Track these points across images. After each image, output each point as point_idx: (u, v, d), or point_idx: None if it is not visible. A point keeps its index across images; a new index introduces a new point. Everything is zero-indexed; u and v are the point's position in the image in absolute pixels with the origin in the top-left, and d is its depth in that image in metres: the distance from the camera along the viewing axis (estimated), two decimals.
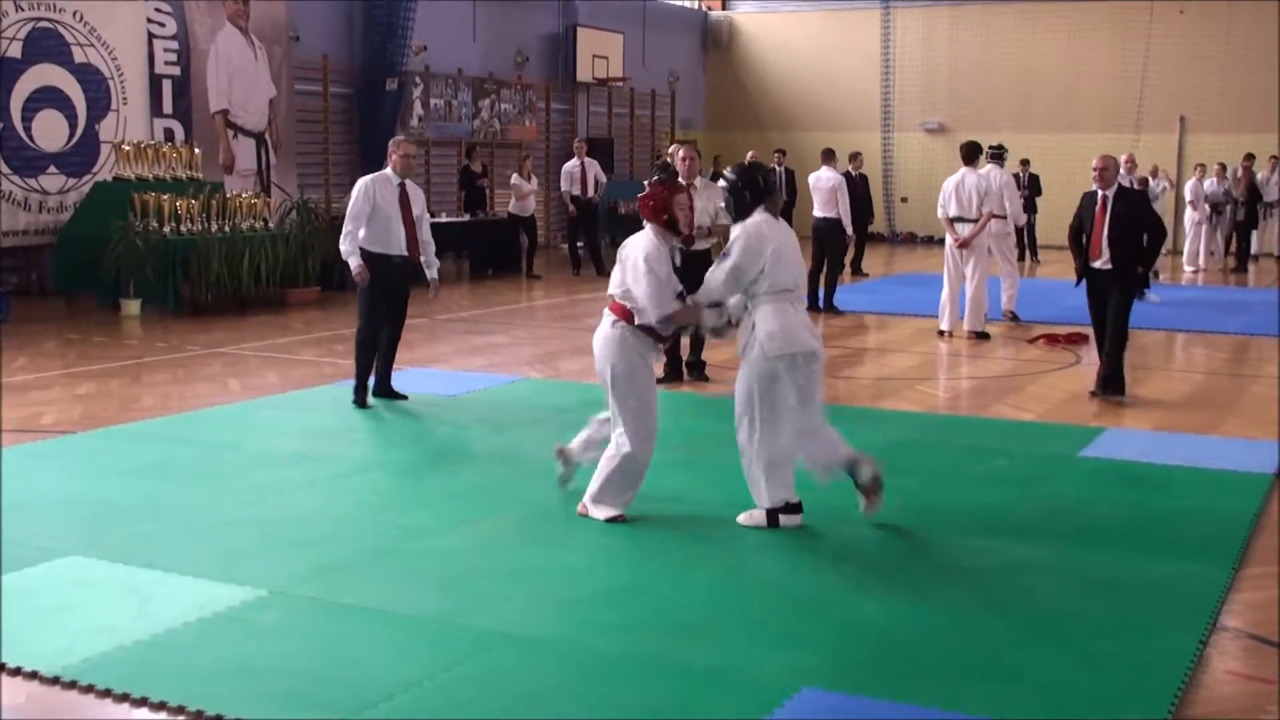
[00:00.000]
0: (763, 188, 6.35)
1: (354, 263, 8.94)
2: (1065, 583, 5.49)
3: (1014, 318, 14.32)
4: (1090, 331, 10.24)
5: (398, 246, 9.01)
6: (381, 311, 9.12)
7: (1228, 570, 5.66)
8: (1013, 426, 8.88)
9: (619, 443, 6.28)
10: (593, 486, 6.37)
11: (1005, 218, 14.19)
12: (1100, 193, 9.60)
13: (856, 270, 19.94)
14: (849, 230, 15.37)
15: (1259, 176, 22.89)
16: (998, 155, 14.82)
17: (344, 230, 9.01)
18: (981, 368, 11.57)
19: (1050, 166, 24.23)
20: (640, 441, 6.25)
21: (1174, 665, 4.56)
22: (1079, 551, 5.94)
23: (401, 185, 9.04)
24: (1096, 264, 9.55)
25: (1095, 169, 9.65)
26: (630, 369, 6.23)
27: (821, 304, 14.94)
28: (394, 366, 9.49)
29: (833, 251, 15.23)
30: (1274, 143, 24.24)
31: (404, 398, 9.26)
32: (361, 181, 9.06)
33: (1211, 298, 17.67)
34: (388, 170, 9.06)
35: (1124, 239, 9.46)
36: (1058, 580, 5.52)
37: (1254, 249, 23.20)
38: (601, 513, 6.31)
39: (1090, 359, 10.87)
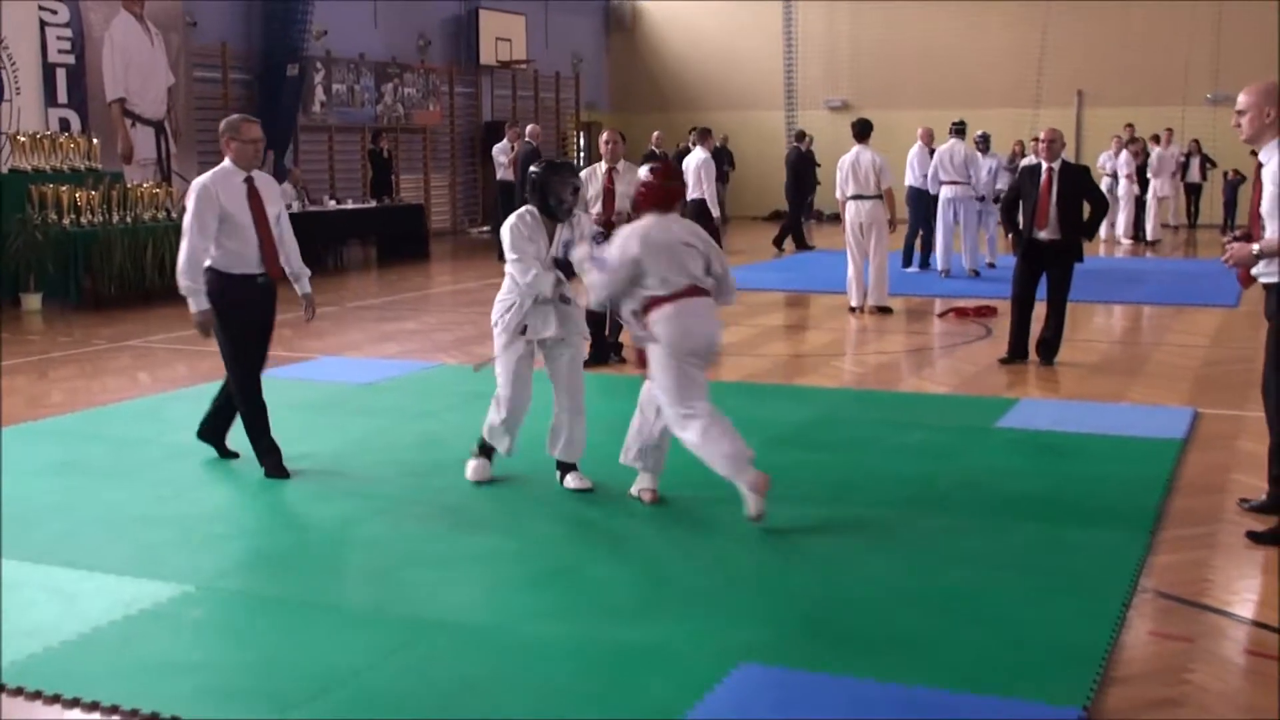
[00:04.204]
0: None
1: (195, 305, 6.62)
2: (990, 551, 5.58)
3: (990, 266, 16.39)
4: (996, 304, 10.43)
5: (257, 263, 6.80)
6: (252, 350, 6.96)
7: (1145, 534, 5.79)
8: (929, 399, 8.99)
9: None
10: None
11: (966, 184, 16.01)
12: (1045, 165, 9.92)
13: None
14: (715, 211, 14.76)
15: (1154, 153, 23.15)
16: (959, 131, 16.15)
17: (181, 253, 6.61)
18: (894, 342, 11.71)
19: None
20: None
21: (1100, 628, 4.66)
22: (1000, 520, 6.04)
23: (249, 182, 6.78)
24: (1042, 235, 9.82)
25: (1043, 141, 10.01)
26: None
27: None
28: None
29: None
30: (1169, 115, 24.75)
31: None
32: (197, 184, 6.72)
33: (1115, 268, 18.03)
34: (226, 163, 6.78)
35: (1071, 211, 9.82)
36: (982, 549, 5.61)
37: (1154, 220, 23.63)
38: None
39: (1001, 332, 11.02)
